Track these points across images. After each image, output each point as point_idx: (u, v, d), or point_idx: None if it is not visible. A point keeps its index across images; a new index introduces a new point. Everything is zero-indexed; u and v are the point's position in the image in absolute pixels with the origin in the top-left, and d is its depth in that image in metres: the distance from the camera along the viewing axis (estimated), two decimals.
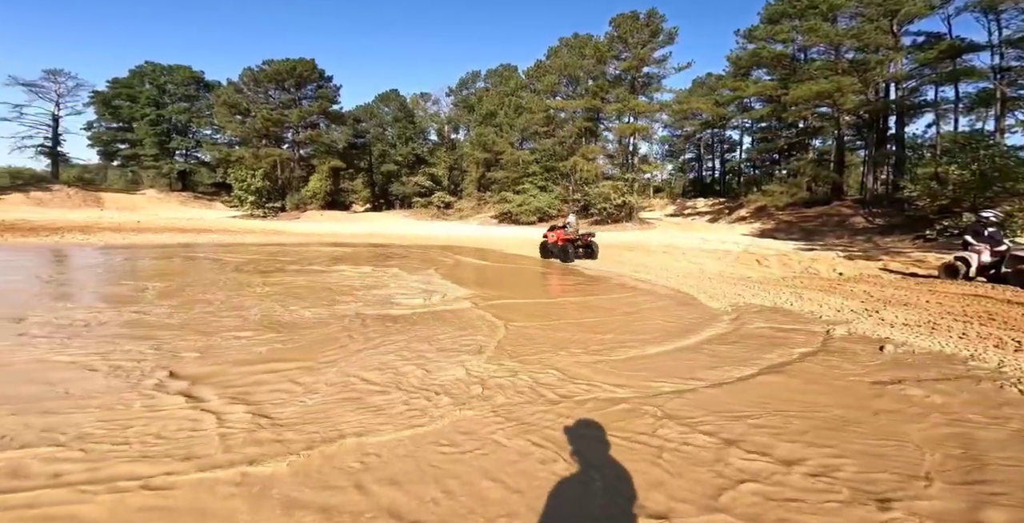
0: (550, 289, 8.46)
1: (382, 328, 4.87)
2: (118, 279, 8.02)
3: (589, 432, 2.71)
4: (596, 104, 29.99)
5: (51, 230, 18.15)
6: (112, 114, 43.36)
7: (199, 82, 45.42)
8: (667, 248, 15.67)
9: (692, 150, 49.19)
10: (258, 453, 2.35)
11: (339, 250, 14.63)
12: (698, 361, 4.10)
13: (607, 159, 33.12)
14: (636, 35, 28.17)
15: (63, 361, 3.63)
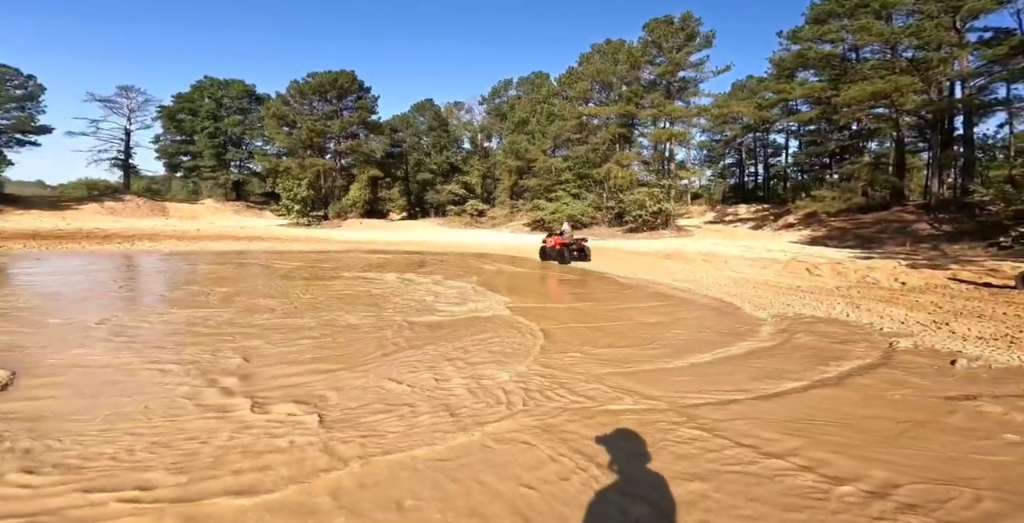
0: (586, 297, 8.40)
1: (425, 334, 5.01)
2: (182, 284, 8.71)
3: (627, 444, 2.65)
4: (630, 110, 29.64)
5: (123, 238, 19.93)
6: (176, 127, 46.43)
7: (251, 95, 47.91)
8: (707, 256, 15.16)
9: (733, 155, 47.48)
10: (324, 458, 2.49)
11: (379, 257, 15.18)
12: (743, 372, 3.97)
13: (642, 165, 32.56)
14: (671, 39, 27.75)
15: (137, 363, 3.99)
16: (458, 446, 2.55)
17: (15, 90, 34.80)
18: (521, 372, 3.78)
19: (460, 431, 2.71)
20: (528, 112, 39.62)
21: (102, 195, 38.19)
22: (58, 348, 4.08)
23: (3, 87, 34.03)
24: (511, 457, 2.45)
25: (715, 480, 2.25)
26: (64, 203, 34.58)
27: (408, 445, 2.54)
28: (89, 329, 4.75)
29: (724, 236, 24.54)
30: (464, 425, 2.80)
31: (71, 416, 2.79)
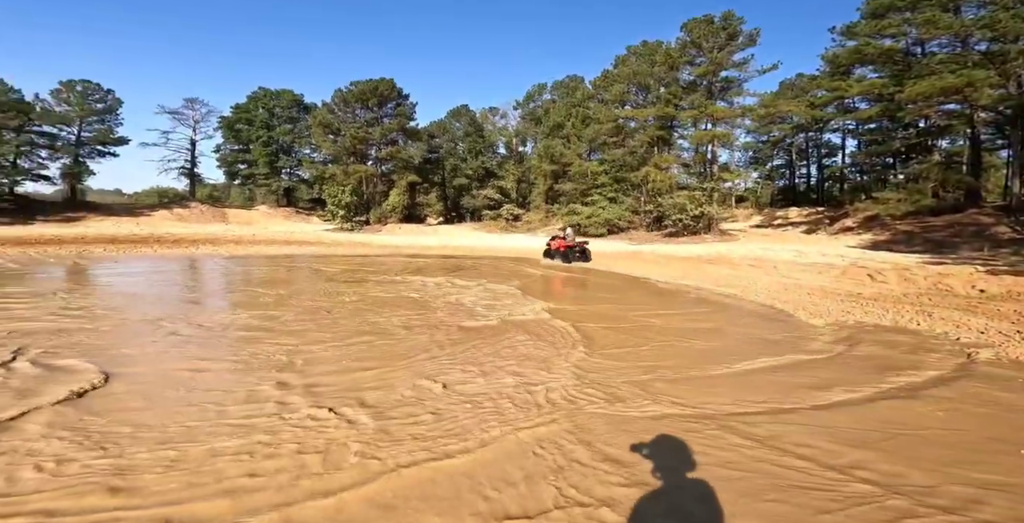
0: (625, 301, 8.25)
1: (466, 337, 5.10)
2: (240, 287, 9.36)
3: (670, 451, 2.58)
4: (669, 112, 28.92)
5: (189, 242, 21.66)
6: (234, 137, 49.37)
7: (300, 104, 50.49)
8: (754, 261, 14.50)
9: (782, 156, 45.10)
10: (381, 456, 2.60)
11: (418, 261, 15.63)
12: (797, 381, 3.77)
13: (682, 168, 31.59)
14: (711, 39, 26.91)
15: (208, 363, 4.33)
16: (495, 448, 2.57)
17: (96, 104, 38.16)
18: (560, 377, 3.78)
19: (497, 433, 2.73)
20: (563, 116, 39.58)
21: (171, 202, 41.70)
22: (139, 349, 4.42)
23: (86, 101, 37.65)
24: (547, 462, 2.43)
25: (770, 492, 2.16)
26: (138, 210, 38.06)
27: (448, 446, 2.58)
28: (163, 329, 5.14)
29: (773, 240, 23.33)
30: (500, 427, 2.82)
31: (153, 416, 3.07)
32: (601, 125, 32.46)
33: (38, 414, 2.85)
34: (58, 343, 4.36)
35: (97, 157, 38.81)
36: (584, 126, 35.26)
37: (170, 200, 42.75)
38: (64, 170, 36.77)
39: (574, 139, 36.12)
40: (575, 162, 34.44)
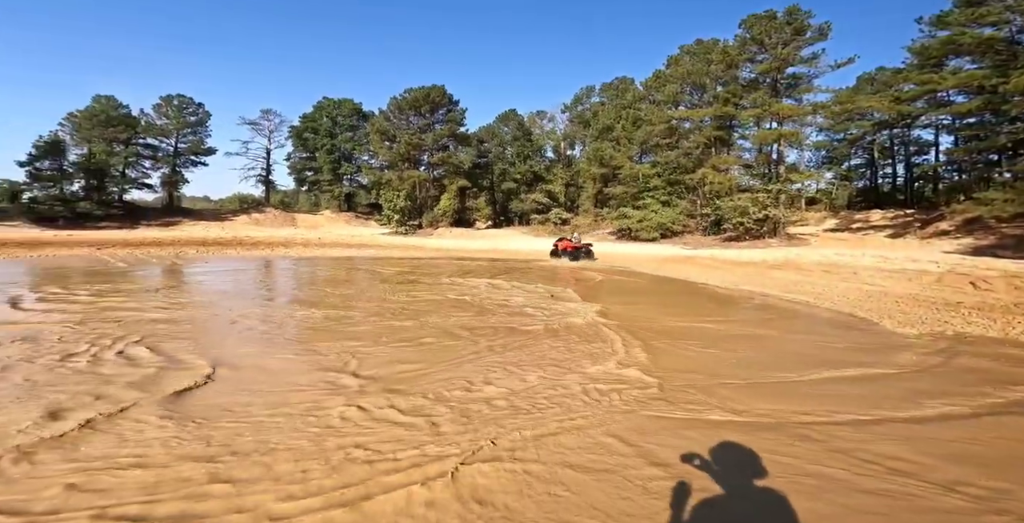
0: (683, 306, 8.02)
1: (523, 339, 5.24)
2: (308, 286, 10.19)
3: (733, 458, 2.50)
4: (728, 111, 27.56)
5: (265, 245, 23.78)
6: (302, 145, 52.87)
7: (359, 113, 53.00)
8: (829, 267, 13.50)
9: (861, 155, 41.25)
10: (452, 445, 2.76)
11: (470, 264, 16.08)
12: (886, 392, 3.55)
13: (744, 169, 29.91)
14: (774, 35, 25.39)
15: (285, 357, 4.74)
16: (549, 450, 2.61)
17: (190, 117, 42.32)
18: (617, 378, 3.79)
19: (549, 435, 2.78)
20: (612, 118, 38.97)
21: (250, 207, 45.94)
22: (231, 343, 4.86)
23: (182, 115, 42.20)
24: (603, 465, 2.42)
25: (857, 504, 2.08)
26: (223, 215, 42.36)
27: (510, 444, 2.64)
28: (249, 326, 5.65)
29: (851, 245, 21.44)
30: (551, 429, 2.85)
31: (251, 406, 3.46)
32: (653, 127, 31.60)
33: (148, 403, 3.14)
34: (159, 335, 4.98)
35: (190, 166, 43.26)
36: (635, 128, 34.49)
37: (249, 206, 47.02)
38: (163, 179, 41.52)
39: (624, 141, 35.43)
40: (625, 165, 33.74)
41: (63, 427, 2.64)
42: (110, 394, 3.15)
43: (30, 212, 32.35)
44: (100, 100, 37.35)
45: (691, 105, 31.63)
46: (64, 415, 2.80)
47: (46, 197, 33.76)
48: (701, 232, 29.10)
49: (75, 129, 36.01)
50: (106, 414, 2.82)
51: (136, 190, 40.65)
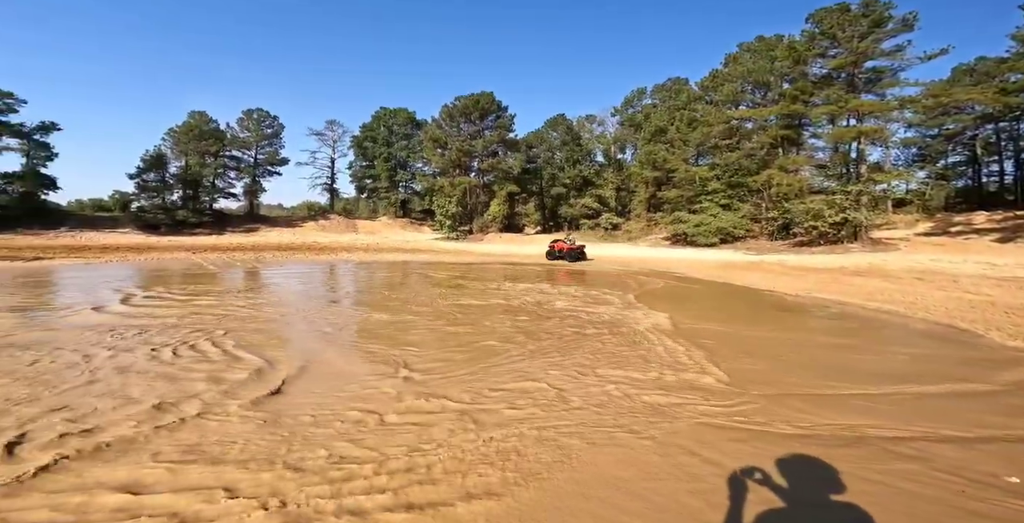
0: (751, 314, 7.57)
1: (588, 344, 5.19)
2: (367, 289, 10.80)
3: (809, 472, 2.38)
4: (797, 109, 25.65)
5: (331, 250, 25.55)
6: (362, 154, 55.85)
7: (413, 121, 55.37)
8: (922, 274, 12.21)
9: (961, 151, 36.69)
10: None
11: (522, 269, 16.20)
12: (992, 407, 3.24)
13: (816, 170, 27.66)
14: (848, 28, 23.42)
15: (351, 358, 5.03)
16: (618, 456, 2.62)
17: (267, 129, 46.15)
18: (684, 387, 3.66)
19: (613, 444, 2.77)
20: (665, 120, 37.64)
21: (317, 215, 49.52)
22: (309, 344, 5.35)
23: (260, 127, 46.31)
24: (667, 477, 2.39)
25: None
26: (294, 222, 46.04)
27: (573, 450, 2.68)
28: (320, 327, 6.12)
29: (949, 250, 19.11)
30: (619, 437, 2.85)
31: (331, 400, 3.76)
32: (711, 127, 30.16)
33: (232, 401, 3.42)
34: (240, 333, 5.53)
35: (267, 176, 47.26)
36: (690, 129, 33.07)
37: (316, 213, 50.68)
38: (245, 188, 45.87)
39: (679, 144, 34.06)
40: (680, 168, 32.42)
41: (166, 418, 3.02)
42: (202, 386, 3.56)
43: (138, 220, 37.16)
44: (194, 115, 41.54)
45: (753, 104, 29.84)
46: (167, 408, 3.20)
47: (151, 206, 38.59)
48: (767, 237, 27.27)
49: (174, 143, 40.66)
50: (203, 403, 3.17)
51: (223, 199, 45.07)
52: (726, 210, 28.62)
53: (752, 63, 28.98)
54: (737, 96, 30.13)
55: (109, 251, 20.68)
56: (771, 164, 26.59)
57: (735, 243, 27.32)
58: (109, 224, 36.44)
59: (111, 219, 38.03)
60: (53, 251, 19.84)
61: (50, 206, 37.62)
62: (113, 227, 35.70)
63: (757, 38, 31.22)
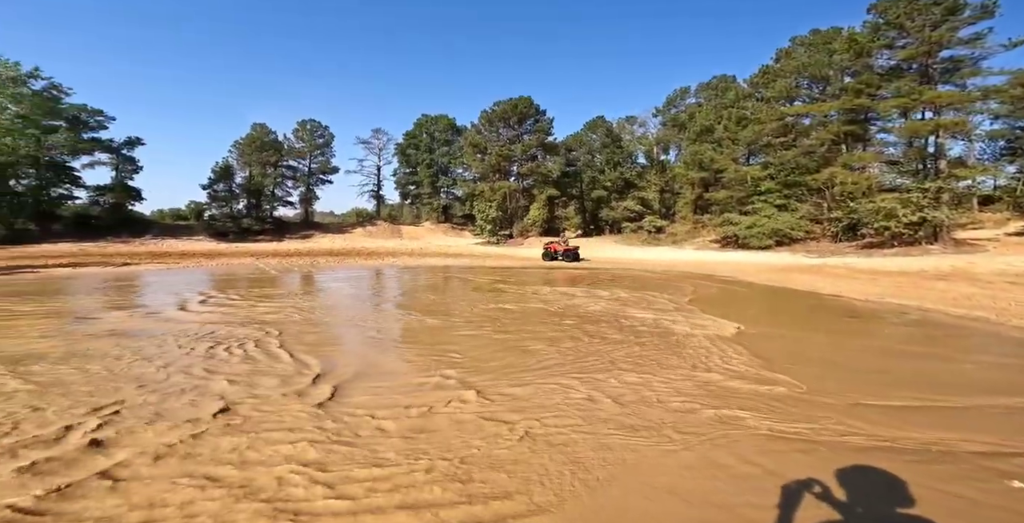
0: (818, 320, 7.11)
1: (648, 353, 5.08)
2: (412, 292, 11.15)
3: (888, 489, 2.22)
4: (862, 103, 23.82)
5: (377, 255, 26.65)
6: (406, 161, 57.64)
7: (453, 128, 56.39)
8: (1016, 277, 11.03)
9: None
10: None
11: (566, 273, 16.08)
12: None
13: (887, 167, 25.48)
14: (918, 17, 21.64)
15: (401, 360, 5.20)
16: (680, 465, 2.58)
17: (319, 139, 48.54)
18: (750, 394, 3.48)
19: (674, 452, 2.70)
20: (712, 119, 36.16)
21: (364, 221, 51.93)
22: (358, 348, 5.55)
23: (313, 137, 49.00)
24: (728, 489, 2.33)
25: None
26: (344, 228, 48.53)
27: (630, 457, 2.65)
28: (368, 331, 6.37)
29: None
30: (681, 446, 2.78)
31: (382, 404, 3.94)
32: (763, 125, 28.64)
33: (293, 404, 3.69)
34: (295, 336, 5.86)
35: (320, 184, 49.84)
36: (740, 128, 31.54)
37: (363, 219, 53.13)
38: (301, 196, 48.96)
39: (727, 143, 32.58)
40: (729, 167, 30.99)
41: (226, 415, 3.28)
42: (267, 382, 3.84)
43: (209, 228, 40.69)
44: (256, 127, 44.67)
45: (810, 99, 28.05)
46: (227, 406, 3.47)
47: (221, 215, 42.11)
48: (829, 238, 25.42)
49: (240, 155, 44.13)
50: (259, 398, 3.42)
51: (282, 207, 48.28)
52: (782, 211, 26.99)
53: (807, 57, 27.27)
54: (791, 92, 28.42)
55: (187, 257, 22.81)
56: (833, 161, 24.81)
57: (792, 245, 25.68)
58: (186, 232, 40.19)
59: (187, 227, 41.93)
60: (139, 257, 22.19)
61: (136, 216, 42.03)
62: (189, 235, 39.32)
63: (812, 32, 29.43)
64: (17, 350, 4.85)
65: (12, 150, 31.79)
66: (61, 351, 4.75)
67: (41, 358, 4.48)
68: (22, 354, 4.67)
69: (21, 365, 4.23)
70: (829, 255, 21.80)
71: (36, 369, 4.12)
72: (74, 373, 4.00)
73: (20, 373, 4.00)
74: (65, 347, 4.92)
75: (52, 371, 4.07)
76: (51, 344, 5.07)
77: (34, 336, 5.47)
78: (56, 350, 4.80)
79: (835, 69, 26.17)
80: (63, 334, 5.59)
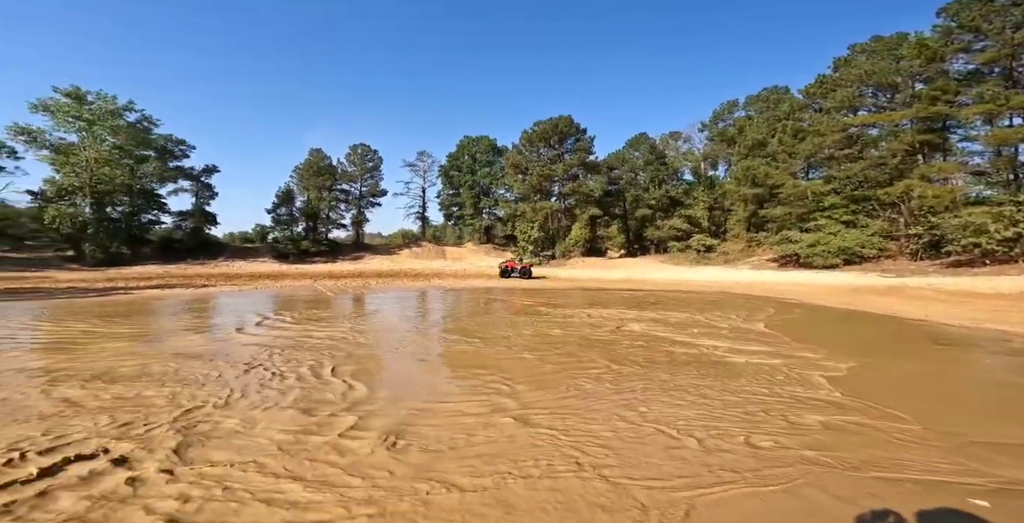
0: (907, 349, 6.28)
1: (727, 385, 4.63)
2: (457, 314, 11.17)
3: None
4: (939, 111, 21.92)
5: (423, 276, 27.37)
6: (449, 182, 59.43)
7: (494, 148, 57.76)
8: None
9: None
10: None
11: (619, 295, 15.57)
12: None
13: (973, 178, 23.12)
14: (996, 19, 19.96)
15: (453, 385, 5.11)
16: (770, 509, 2.32)
17: (368, 163, 51.13)
18: (838, 428, 3.07)
19: (764, 494, 2.43)
20: (764, 132, 34.73)
21: (410, 242, 53.92)
22: (397, 367, 5.69)
23: (364, 161, 51.86)
24: None
25: None
26: (391, 249, 50.60)
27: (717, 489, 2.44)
28: (415, 357, 6.41)
29: None
30: (770, 486, 2.47)
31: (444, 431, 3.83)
32: (823, 137, 27.05)
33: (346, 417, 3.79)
34: (349, 359, 5.96)
35: (370, 207, 52.48)
36: (797, 141, 29.97)
37: (409, 240, 55.20)
38: (353, 219, 51.83)
39: (783, 157, 31.02)
40: (787, 183, 29.36)
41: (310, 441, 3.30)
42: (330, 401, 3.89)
43: (272, 250, 43.88)
44: (313, 153, 47.96)
45: (876, 108, 26.20)
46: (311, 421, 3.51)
47: (282, 237, 45.36)
48: (908, 256, 23.14)
49: (299, 180, 47.62)
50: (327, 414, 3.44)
51: (336, 229, 51.09)
52: (849, 227, 25.01)
53: (871, 64, 25.68)
54: (855, 101, 26.74)
55: (255, 279, 24.60)
56: (908, 173, 22.84)
57: (863, 264, 23.61)
58: (252, 254, 43.59)
59: (253, 249, 45.50)
60: (215, 279, 24.21)
61: (211, 239, 46.23)
62: (255, 257, 42.60)
63: (873, 38, 27.83)
64: (96, 366, 5.37)
65: (110, 179, 35.86)
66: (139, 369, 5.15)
67: (119, 376, 4.86)
68: (100, 370, 5.16)
69: (93, 381, 4.60)
70: (909, 275, 19.79)
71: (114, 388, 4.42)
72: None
73: (90, 388, 4.35)
74: (142, 367, 5.32)
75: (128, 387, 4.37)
76: (136, 362, 5.50)
77: (113, 354, 5.96)
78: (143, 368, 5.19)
79: (904, 76, 24.43)
80: (140, 355, 6.06)
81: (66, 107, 35.24)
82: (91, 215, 35.72)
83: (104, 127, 36.16)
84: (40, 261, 34.35)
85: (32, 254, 37.35)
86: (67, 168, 34.81)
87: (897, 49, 25.12)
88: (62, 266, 32.88)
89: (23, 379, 4.91)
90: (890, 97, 25.88)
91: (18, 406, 4.06)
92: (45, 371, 5.26)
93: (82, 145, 35.73)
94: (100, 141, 36.21)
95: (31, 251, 39.10)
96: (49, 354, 6.20)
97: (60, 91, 36.02)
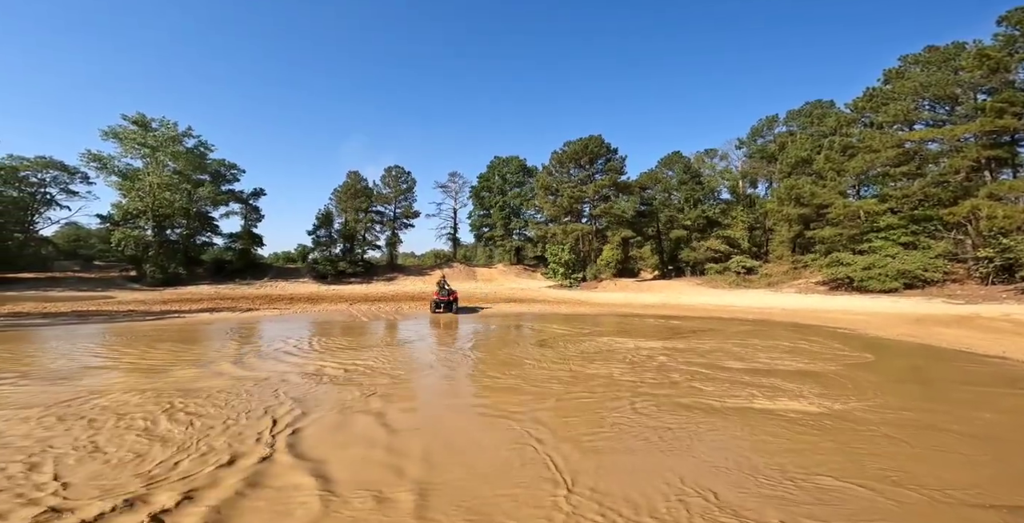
0: (992, 400, 5.40)
1: (795, 435, 4.18)
2: (489, 345, 10.73)
3: None
4: (1006, 124, 20.20)
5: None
6: (480, 203, 60.14)
7: (524, 169, 58.20)
8: None
9: None
10: None
11: (647, 324, 14.85)
12: None
13: None
14: None
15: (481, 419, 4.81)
16: None
17: (402, 184, 52.48)
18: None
19: None
20: (808, 149, 33.25)
21: (442, 263, 54.76)
22: (430, 401, 5.52)
23: (398, 183, 53.47)
24: None
25: None
26: (423, 270, 51.48)
27: None
28: (453, 395, 6.25)
29: None
30: None
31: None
32: (875, 154, 25.51)
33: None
34: (380, 391, 5.81)
35: (403, 228, 53.72)
36: (846, 158, 28.40)
37: (441, 261, 56.10)
38: (387, 240, 53.35)
39: (831, 175, 29.41)
40: (836, 202, 27.73)
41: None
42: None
43: (312, 271, 45.72)
44: (351, 175, 49.82)
45: (935, 122, 24.50)
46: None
47: (322, 258, 47.25)
48: (977, 281, 21.03)
49: (337, 202, 49.79)
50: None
51: (371, 250, 52.60)
52: (909, 249, 23.11)
53: (926, 76, 24.22)
54: (910, 115, 25.17)
55: (295, 301, 25.51)
56: (974, 191, 20.97)
57: (926, 288, 21.63)
58: (294, 274, 45.57)
59: (295, 270, 47.59)
60: (259, 301, 25.32)
61: (258, 260, 48.85)
62: (296, 277, 44.49)
63: (927, 48, 26.38)
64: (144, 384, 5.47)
65: (170, 203, 38.83)
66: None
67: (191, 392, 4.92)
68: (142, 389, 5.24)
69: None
70: (980, 301, 17.93)
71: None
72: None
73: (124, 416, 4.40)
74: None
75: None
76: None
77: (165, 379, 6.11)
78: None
79: (964, 87, 22.84)
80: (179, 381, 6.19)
81: (133, 134, 38.57)
82: (152, 237, 38.67)
83: (166, 153, 39.31)
84: (106, 281, 37.31)
85: (99, 274, 40.69)
86: (132, 193, 37.96)
87: (954, 60, 23.67)
88: (124, 286, 35.55)
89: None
90: (949, 110, 24.19)
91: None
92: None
93: (146, 171, 38.96)
94: (162, 167, 39.30)
95: (99, 271, 42.61)
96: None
97: (128, 118, 39.55)
